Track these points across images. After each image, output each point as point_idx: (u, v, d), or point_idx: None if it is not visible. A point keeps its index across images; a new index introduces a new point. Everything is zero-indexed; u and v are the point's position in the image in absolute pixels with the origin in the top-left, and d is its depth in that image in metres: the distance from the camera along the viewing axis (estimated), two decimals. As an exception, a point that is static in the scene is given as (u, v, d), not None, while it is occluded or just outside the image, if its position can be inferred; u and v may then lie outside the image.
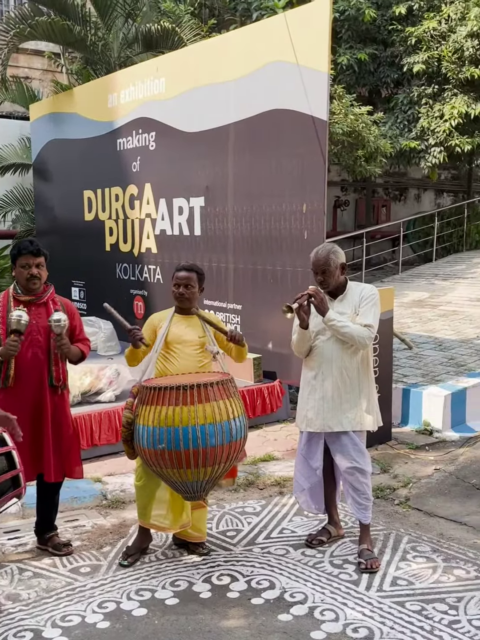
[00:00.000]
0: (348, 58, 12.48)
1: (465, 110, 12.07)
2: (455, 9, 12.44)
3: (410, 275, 13.18)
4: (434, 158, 12.62)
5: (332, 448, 3.82)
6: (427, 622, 3.14)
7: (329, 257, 3.71)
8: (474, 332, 8.42)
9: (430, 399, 6.19)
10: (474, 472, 5.08)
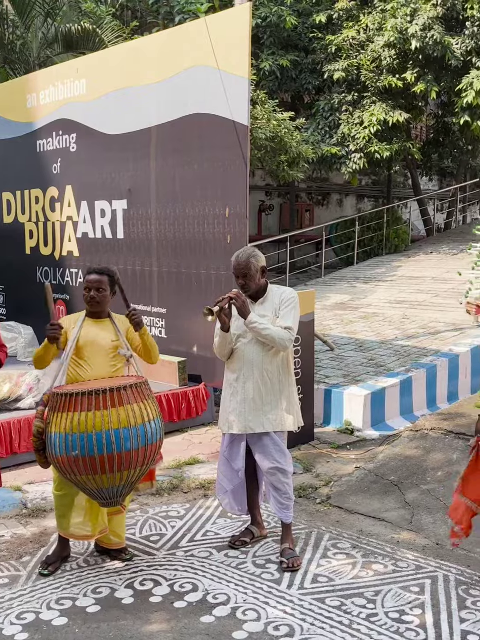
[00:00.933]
0: (270, 64, 12.65)
1: (383, 117, 12.42)
2: (373, 19, 12.81)
3: (333, 278, 13.44)
4: (354, 164, 12.92)
5: (254, 449, 3.86)
6: (345, 617, 3.22)
7: (250, 261, 3.75)
8: (393, 333, 8.67)
9: (351, 398, 6.34)
10: (392, 469, 5.23)
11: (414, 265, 13.23)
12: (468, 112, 12.27)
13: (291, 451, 5.43)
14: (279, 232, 16.09)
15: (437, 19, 12.04)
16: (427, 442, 5.66)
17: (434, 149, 16.52)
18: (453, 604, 3.35)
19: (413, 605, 3.33)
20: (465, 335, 8.15)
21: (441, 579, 3.60)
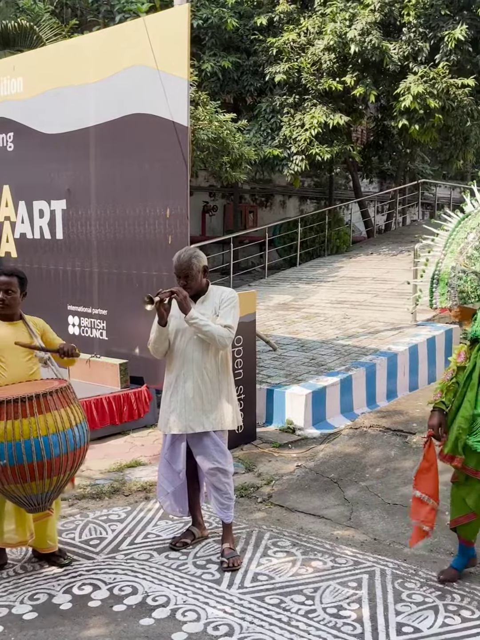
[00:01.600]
0: (212, 65, 12.67)
1: (324, 120, 12.59)
2: (313, 23, 12.97)
3: (276, 279, 13.55)
4: (296, 166, 13.06)
5: (195, 450, 3.86)
6: (284, 614, 3.26)
7: (191, 261, 3.75)
8: (334, 333, 8.79)
9: (293, 398, 6.40)
10: (332, 467, 5.30)
11: (355, 266, 13.45)
12: (406, 116, 12.55)
13: (233, 451, 5.48)
14: (223, 233, 16.12)
15: (375, 25, 12.29)
16: (366, 439, 5.76)
17: (374, 151, 16.84)
18: (389, 597, 3.42)
19: (351, 600, 3.39)
20: (403, 334, 8.33)
21: (378, 573, 3.67)
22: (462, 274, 3.57)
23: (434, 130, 12.85)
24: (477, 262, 3.50)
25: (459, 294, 3.60)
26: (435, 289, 3.69)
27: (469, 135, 13.27)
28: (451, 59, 12.36)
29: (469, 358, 3.43)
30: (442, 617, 3.24)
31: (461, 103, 12.27)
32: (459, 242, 3.63)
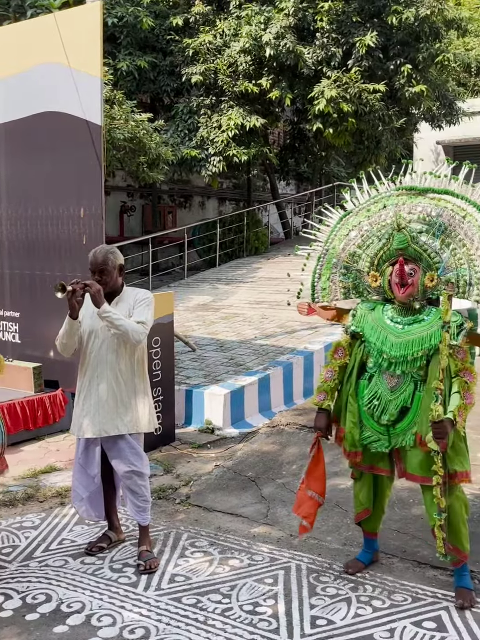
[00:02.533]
0: (128, 64, 12.55)
1: (241, 122, 12.68)
2: (229, 25, 13.05)
3: (196, 280, 13.55)
4: (214, 167, 13.10)
5: (110, 454, 3.81)
6: (201, 614, 3.26)
7: (107, 257, 3.70)
8: (253, 333, 8.88)
9: (211, 398, 6.42)
10: (250, 466, 5.35)
11: (273, 267, 13.61)
12: (320, 119, 12.81)
13: (152, 453, 5.45)
14: (142, 234, 15.99)
15: (289, 29, 12.48)
16: (283, 437, 5.84)
17: (291, 154, 17.09)
18: (304, 592, 3.48)
19: (267, 597, 3.43)
20: (319, 333, 8.50)
21: (294, 569, 3.73)
22: (345, 270, 3.67)
23: (347, 134, 13.17)
24: (359, 259, 3.60)
25: (341, 289, 3.69)
26: (317, 283, 3.77)
27: (381, 140, 13.66)
28: (363, 64, 12.70)
29: (349, 354, 3.53)
30: (354, 608, 3.32)
31: (373, 108, 12.62)
32: (340, 238, 3.71)
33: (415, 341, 3.32)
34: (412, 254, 3.35)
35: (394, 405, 3.37)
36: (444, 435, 3.14)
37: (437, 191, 3.52)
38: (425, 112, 14.93)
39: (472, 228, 3.36)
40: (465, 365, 3.27)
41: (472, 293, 3.33)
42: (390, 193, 3.67)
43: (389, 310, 3.47)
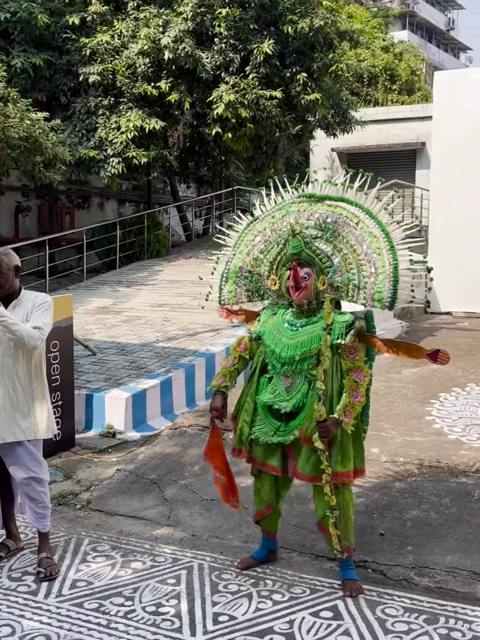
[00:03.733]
0: (22, 61, 12.21)
1: (140, 124, 12.60)
2: (126, 26, 12.96)
3: (96, 282, 13.35)
4: (113, 168, 12.95)
5: (7, 460, 3.74)
6: (103, 618, 3.26)
7: (1, 258, 3.63)
8: (154, 335, 8.86)
9: (112, 402, 6.37)
10: (152, 468, 5.36)
11: (174, 270, 13.62)
12: (219, 124, 12.93)
13: (51, 459, 5.36)
14: (39, 235, 15.57)
15: (188, 33, 12.53)
16: (185, 439, 5.89)
17: (191, 157, 17.14)
18: (207, 590, 3.54)
19: (170, 597, 3.47)
20: (221, 335, 8.59)
21: (196, 568, 3.78)
22: (248, 274, 3.80)
23: (246, 139, 13.36)
24: (261, 264, 3.73)
25: (245, 292, 3.83)
26: (224, 287, 3.89)
27: (278, 145, 13.95)
28: (260, 71, 12.93)
29: (248, 350, 3.66)
30: (255, 603, 3.42)
31: (270, 114, 12.86)
32: (247, 243, 3.85)
33: (304, 342, 3.45)
34: (305, 259, 3.49)
35: (290, 405, 3.49)
36: (329, 434, 3.28)
37: (333, 198, 3.68)
38: (320, 119, 15.37)
39: (363, 234, 3.53)
40: (356, 365, 3.42)
41: (360, 296, 3.49)
42: (293, 200, 3.82)
43: (288, 314, 3.60)
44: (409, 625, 3.22)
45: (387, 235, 3.49)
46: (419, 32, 46.28)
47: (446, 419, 6.09)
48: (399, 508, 4.45)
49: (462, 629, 3.19)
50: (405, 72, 24.51)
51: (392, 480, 4.84)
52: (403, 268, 3.44)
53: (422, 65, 28.05)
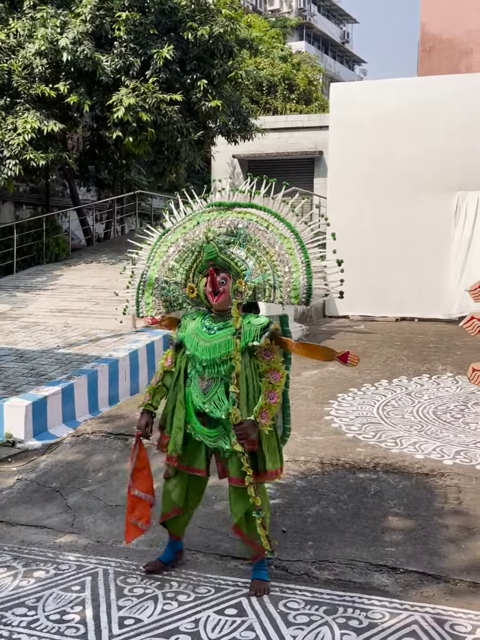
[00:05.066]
0: None
1: (38, 126, 12.34)
2: (23, 25, 12.66)
3: (-9, 287, 12.93)
4: (9, 170, 12.60)
5: None
6: (5, 629, 3.20)
7: None
8: (55, 342, 8.70)
9: (11, 410, 6.22)
10: (54, 477, 5.28)
11: (75, 274, 13.39)
12: (120, 127, 12.85)
13: None
14: None
15: (87, 35, 12.39)
16: (88, 445, 5.83)
17: (91, 160, 16.91)
18: (112, 594, 3.54)
19: (74, 604, 3.44)
20: (124, 340, 8.54)
21: (101, 573, 3.77)
22: (165, 285, 3.85)
23: (147, 144, 13.34)
24: (177, 273, 3.80)
25: (163, 303, 3.88)
26: (142, 299, 3.93)
27: (180, 151, 14.01)
28: (161, 76, 12.95)
29: (175, 362, 3.71)
30: (161, 605, 3.45)
31: (171, 119, 12.91)
32: (161, 255, 3.91)
33: (220, 345, 3.52)
34: (221, 264, 3.57)
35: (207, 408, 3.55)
36: (246, 436, 3.38)
37: (242, 205, 3.81)
38: (221, 126, 15.54)
39: (274, 236, 3.67)
40: (272, 366, 3.54)
41: (276, 295, 3.62)
42: (203, 210, 3.90)
43: (206, 319, 3.67)
44: (310, 617, 3.35)
45: (297, 236, 3.65)
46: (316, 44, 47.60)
47: (344, 418, 6.33)
48: (299, 505, 4.60)
49: (360, 617, 3.35)
50: (303, 82, 25.16)
51: (293, 479, 4.99)
52: (315, 265, 3.60)
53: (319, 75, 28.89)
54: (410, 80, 14.28)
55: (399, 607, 3.43)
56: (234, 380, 3.39)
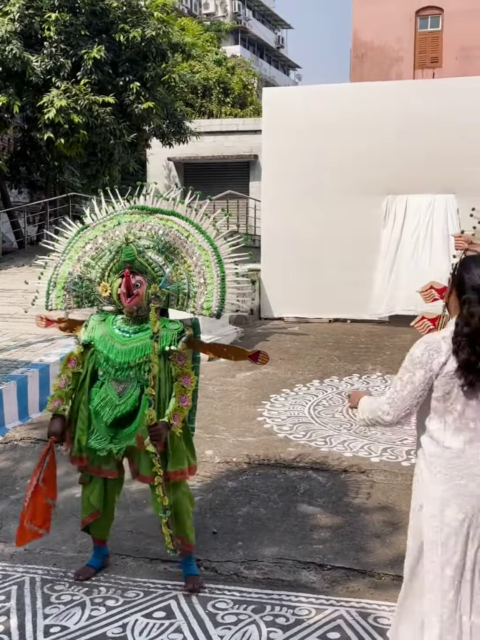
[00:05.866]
0: None
1: None
2: None
3: None
4: None
5: None
6: None
7: None
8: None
9: None
10: (-19, 485, 5.16)
11: (5, 278, 13.10)
12: (51, 129, 12.66)
13: None
14: None
15: (15, 34, 12.16)
16: (17, 452, 5.71)
17: (22, 162, 16.59)
18: (38, 603, 3.49)
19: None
20: (55, 345, 8.41)
21: (28, 582, 3.71)
22: (79, 280, 3.84)
23: (79, 145, 13.18)
24: (92, 270, 3.79)
25: (74, 298, 3.86)
26: (52, 292, 3.90)
27: (114, 153, 13.90)
28: (93, 77, 12.82)
29: (81, 363, 3.68)
30: (88, 611, 3.42)
31: (104, 121, 12.81)
32: (77, 250, 3.90)
33: (137, 348, 3.53)
34: (138, 267, 3.58)
35: (121, 410, 3.55)
36: (160, 437, 3.39)
37: (164, 212, 3.87)
38: (155, 129, 15.51)
39: (193, 247, 3.74)
40: (184, 370, 3.58)
41: (189, 305, 3.68)
42: (125, 211, 3.92)
43: (118, 321, 3.67)
44: (238, 616, 3.38)
45: (215, 250, 3.76)
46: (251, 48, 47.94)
47: (276, 419, 6.40)
48: (230, 506, 4.64)
49: (287, 614, 3.40)
50: (237, 86, 25.33)
51: (225, 480, 5.02)
52: (230, 280, 3.71)
53: (254, 80, 29.13)
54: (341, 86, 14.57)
55: (325, 603, 3.50)
56: (151, 383, 3.40)
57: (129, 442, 3.56)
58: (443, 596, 2.52)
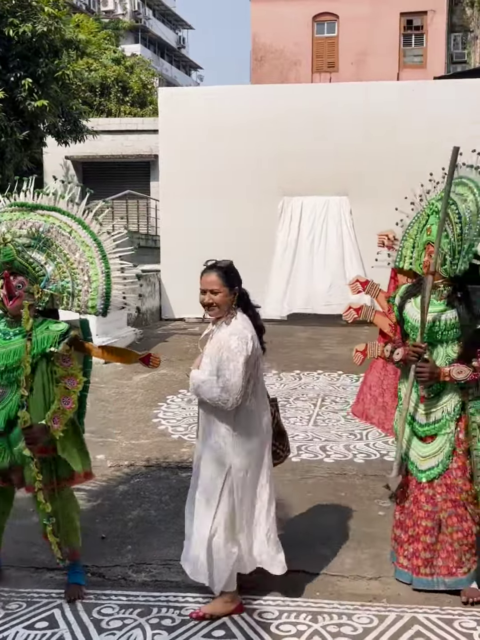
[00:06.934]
0: None
1: None
2: None
3: None
4: None
5: None
6: None
7: None
8: None
9: None
10: None
11: None
12: None
13: None
14: None
15: None
16: None
17: None
18: None
19: None
20: None
21: None
22: None
23: (-32, 142, 12.67)
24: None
25: None
26: None
27: (5, 151, 13.42)
28: (-18, 73, 12.36)
29: None
30: (-34, 626, 3.28)
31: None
32: None
33: (15, 350, 3.41)
34: (18, 267, 3.45)
35: (1, 415, 3.42)
36: (35, 440, 3.29)
37: (45, 208, 3.72)
38: (50, 127, 15.08)
39: (76, 243, 3.62)
40: (69, 372, 3.48)
41: (74, 304, 3.58)
42: (4, 209, 3.75)
43: (2, 323, 3.53)
44: (123, 621, 3.34)
45: (99, 245, 3.65)
46: (152, 47, 47.57)
47: (171, 420, 6.39)
48: (121, 510, 4.58)
49: (173, 615, 3.39)
50: (136, 85, 25.06)
51: (116, 484, 4.96)
52: (115, 276, 3.62)
53: (154, 79, 28.94)
54: (239, 88, 14.73)
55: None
56: (23, 383, 3.30)
57: (15, 447, 3.44)
58: None
